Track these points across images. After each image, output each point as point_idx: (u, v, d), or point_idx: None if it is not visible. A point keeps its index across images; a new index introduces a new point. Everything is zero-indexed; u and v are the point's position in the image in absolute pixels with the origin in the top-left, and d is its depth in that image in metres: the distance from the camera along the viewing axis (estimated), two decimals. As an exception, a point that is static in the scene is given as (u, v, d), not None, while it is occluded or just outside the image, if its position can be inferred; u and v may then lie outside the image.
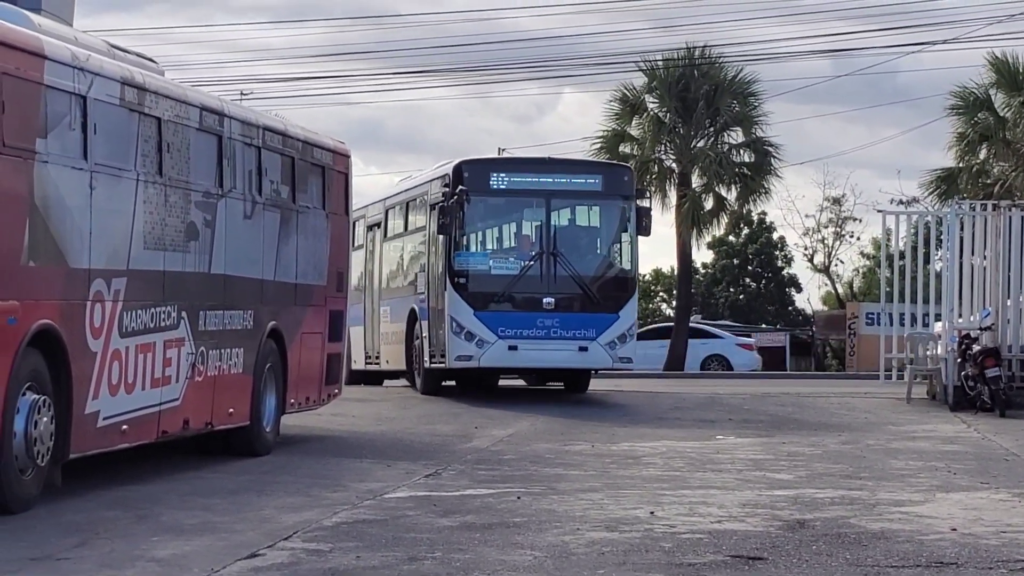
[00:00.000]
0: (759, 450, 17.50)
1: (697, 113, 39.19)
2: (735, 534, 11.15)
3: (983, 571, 9.78)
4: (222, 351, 15.04)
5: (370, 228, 28.19)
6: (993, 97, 35.95)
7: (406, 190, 26.64)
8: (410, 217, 26.01)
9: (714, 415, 21.35)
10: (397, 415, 21.23)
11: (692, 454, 16.79)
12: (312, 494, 13.10)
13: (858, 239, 56.62)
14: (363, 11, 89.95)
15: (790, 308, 67.67)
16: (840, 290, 57.75)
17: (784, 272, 67.52)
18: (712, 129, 40.24)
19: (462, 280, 22.87)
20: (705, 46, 39.69)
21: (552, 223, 23.27)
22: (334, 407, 19.32)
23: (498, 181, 23.51)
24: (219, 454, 15.54)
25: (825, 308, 57.95)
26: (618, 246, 23.88)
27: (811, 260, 56.56)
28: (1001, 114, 35.99)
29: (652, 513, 12.14)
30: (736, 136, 40.93)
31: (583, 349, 22.81)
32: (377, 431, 18.97)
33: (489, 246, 24.35)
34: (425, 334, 23.80)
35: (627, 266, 23.78)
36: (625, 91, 39.65)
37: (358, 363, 27.46)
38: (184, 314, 14.19)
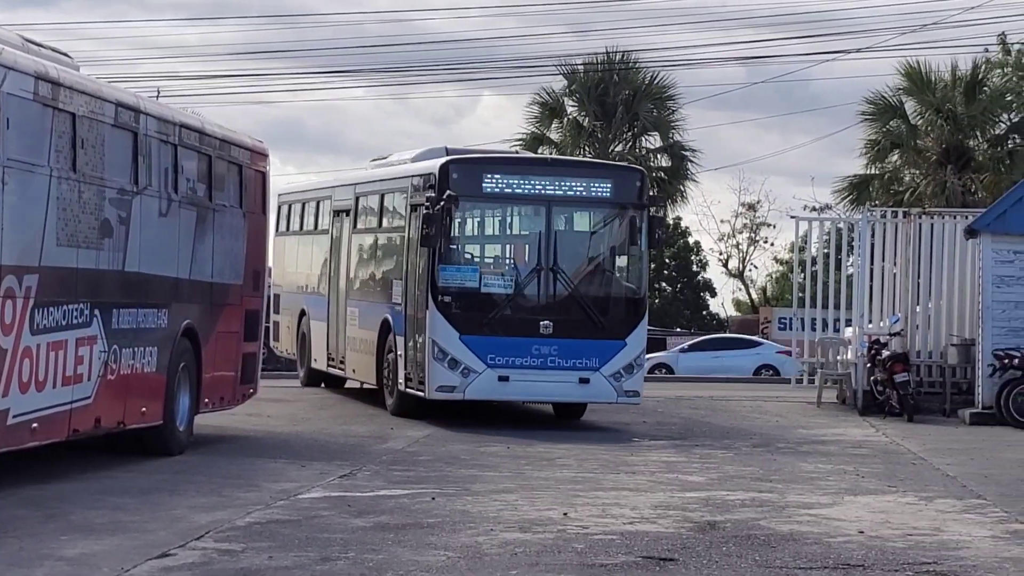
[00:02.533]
0: (672, 453, 17.63)
1: (616, 118, 39.40)
2: (647, 535, 11.25)
3: (889, 573, 9.93)
4: (135, 350, 14.95)
5: (336, 214, 24.51)
6: (904, 105, 36.39)
7: (382, 179, 23.01)
8: (385, 211, 22.53)
9: (629, 418, 21.47)
10: (312, 416, 21.18)
11: (606, 456, 16.89)
12: (225, 494, 13.07)
13: (772, 244, 57.15)
14: (280, 10, 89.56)
15: (704, 313, 68.05)
16: (754, 295, 58.23)
17: (699, 277, 67.93)
18: (630, 134, 40.48)
19: (447, 299, 19.52)
20: (624, 51, 39.93)
21: (553, 234, 19.91)
22: (249, 407, 19.26)
23: (491, 184, 20.04)
24: (132, 453, 15.45)
25: (739, 313, 58.42)
26: (627, 261, 20.59)
27: (726, 265, 57.04)
28: (912, 122, 36.43)
29: (565, 514, 12.22)
30: (654, 141, 41.22)
31: (584, 381, 19.68)
32: (292, 431, 18.94)
33: (479, 259, 21.04)
34: (400, 351, 20.49)
35: (637, 285, 20.36)
36: (545, 95, 39.79)
37: (319, 363, 24.91)
38: (97, 312, 14.10)
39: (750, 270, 56.12)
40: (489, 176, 20.05)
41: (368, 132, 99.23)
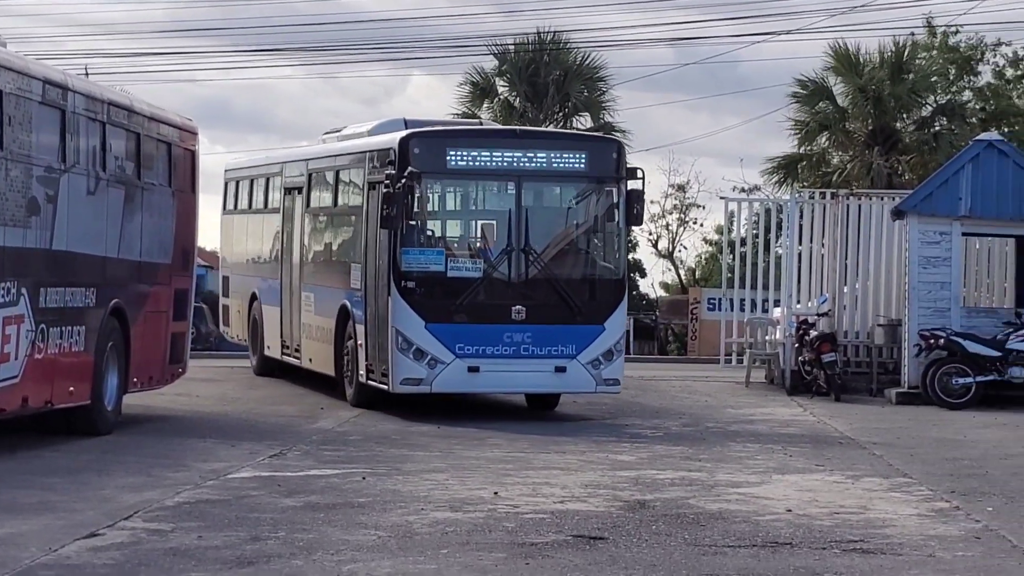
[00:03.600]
0: (602, 432, 17.69)
1: (547, 98, 39.41)
2: (577, 514, 11.30)
3: (817, 551, 10.03)
4: (63, 329, 14.85)
5: (288, 191, 22.97)
6: (833, 87, 36.61)
7: (337, 154, 21.32)
8: (341, 189, 21.07)
9: (560, 397, 21.52)
10: (243, 395, 21.10)
11: (536, 436, 16.93)
12: (154, 474, 13.03)
13: (701, 225, 57.35)
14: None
15: (634, 293, 68.26)
16: (683, 276, 58.47)
17: (629, 257, 68.12)
18: (561, 114, 40.47)
19: (410, 284, 18.11)
20: (555, 31, 39.92)
21: (524, 211, 18.48)
22: (178, 387, 19.17)
23: (456, 159, 18.54)
24: (59, 433, 15.35)
25: (668, 294, 58.62)
26: (604, 239, 19.18)
27: (655, 246, 57.18)
28: (840, 104, 36.67)
29: (496, 493, 12.26)
30: (585, 121, 41.20)
31: (560, 370, 18.39)
32: (221, 411, 18.87)
33: (444, 241, 19.22)
34: (361, 341, 19.09)
35: (615, 265, 19.10)
36: (476, 74, 39.73)
37: (272, 350, 23.35)
38: (24, 291, 13.99)
39: (680, 251, 56.33)
40: (453, 150, 18.60)
41: (296, 111, 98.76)
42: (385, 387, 18.40)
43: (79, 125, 15.15)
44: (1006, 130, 38.16)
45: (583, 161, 18.89)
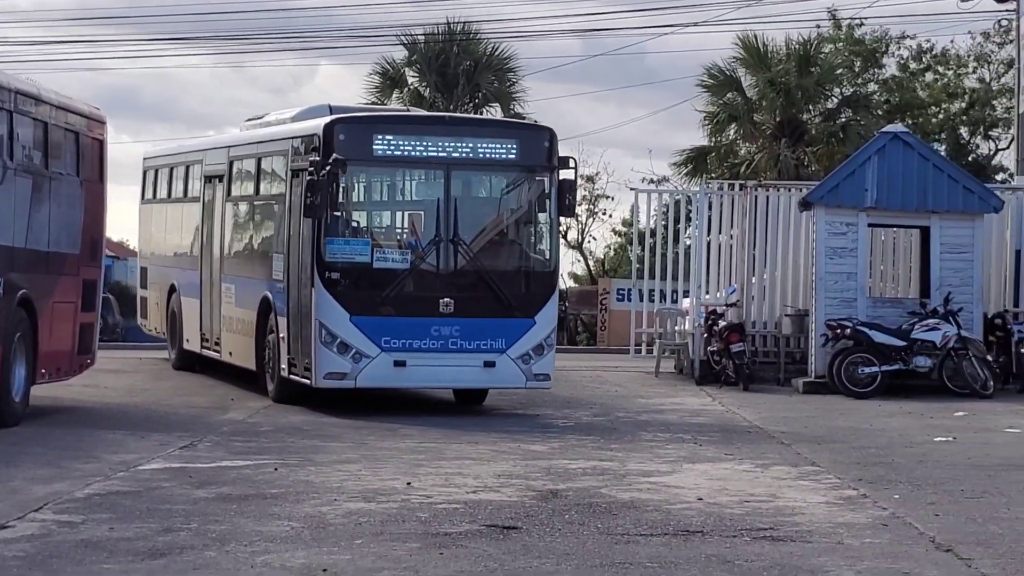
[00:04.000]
0: (513, 422, 17.75)
1: (457, 89, 39.41)
2: (490, 504, 11.35)
3: (728, 539, 10.14)
4: (-30, 320, 14.69)
5: (208, 179, 22.33)
6: (742, 79, 36.88)
7: (259, 141, 20.68)
8: (263, 177, 20.47)
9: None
10: (152, 387, 20.97)
11: (448, 426, 16.95)
12: (63, 465, 12.93)
13: (610, 216, 57.60)
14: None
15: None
16: (592, 266, 58.70)
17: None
18: (472, 105, 40.48)
19: (334, 275, 17.55)
20: (465, 22, 39.91)
21: (453, 201, 18.00)
22: (87, 378, 19.02)
23: (383, 146, 17.95)
24: (-35, 425, 15.20)
25: (577, 285, 58.82)
26: (536, 231, 18.78)
27: (564, 237, 57.29)
28: (749, 96, 36.95)
29: (409, 484, 12.28)
30: (495, 112, 41.24)
31: (489, 365, 17.93)
32: (131, 403, 18.74)
33: (370, 231, 18.74)
34: (283, 334, 18.54)
35: (546, 256, 18.65)
36: (385, 64, 39.65)
37: (191, 343, 22.73)
38: (-69, 281, 13.83)
39: (589, 242, 56.57)
40: (380, 137, 17.99)
41: (204, 100, 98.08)
42: (308, 381, 17.90)
43: (-15, 114, 14.98)
44: (910, 122, 38.68)
45: (514, 149, 18.41)
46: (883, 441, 16.38)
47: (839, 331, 22.32)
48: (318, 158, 17.51)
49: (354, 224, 18.35)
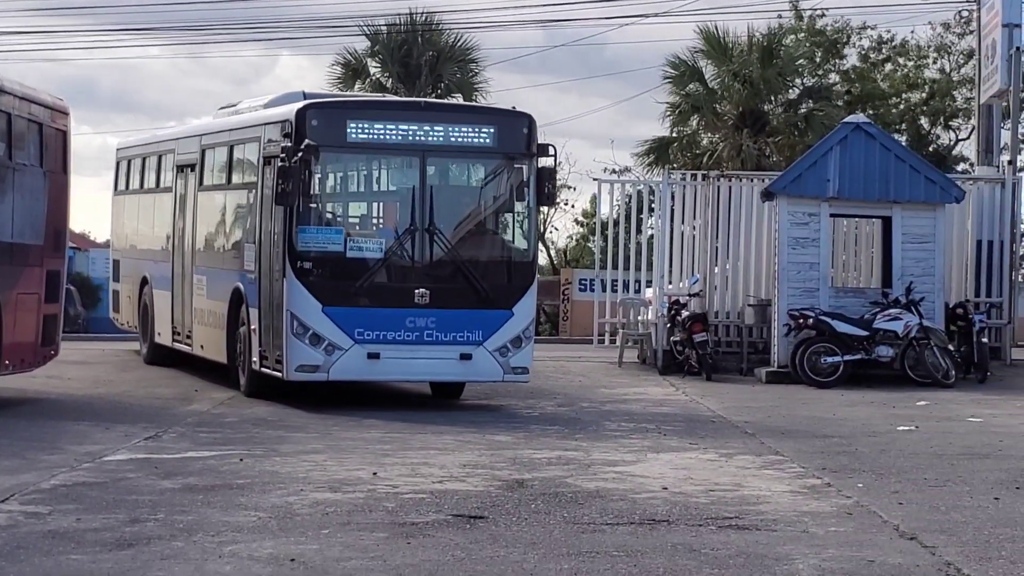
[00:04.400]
0: (477, 412, 17.79)
1: (420, 79, 39.38)
2: (456, 494, 11.39)
3: (693, 528, 10.20)
4: (-67, 311, 14.65)
5: (180, 169, 21.80)
6: (704, 69, 36.98)
7: (231, 129, 20.14)
8: (235, 166, 19.87)
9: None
10: (116, 378, 20.92)
11: (412, 417, 16.98)
12: (28, 457, 12.91)
13: (572, 207, 57.69)
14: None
15: (506, 273, 68.43)
16: (554, 257, 58.77)
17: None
18: (434, 95, 40.47)
19: (307, 265, 17.10)
20: (427, 12, 39.89)
21: (428, 188, 17.53)
22: (50, 369, 18.98)
23: (357, 132, 17.45)
24: (-71, 417, 15.16)
25: (540, 275, 58.87)
26: (513, 220, 18.29)
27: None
28: (711, 86, 37.05)
29: (375, 474, 12.31)
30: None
31: (466, 357, 17.49)
32: (95, 394, 18.70)
33: (343, 219, 18.55)
34: (254, 326, 18.09)
35: (524, 246, 18.22)
36: (347, 55, 39.59)
37: (163, 337, 22.24)
38: None
39: (551, 232, 56.62)
40: (354, 123, 17.49)
41: (164, 91, 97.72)
42: (279, 374, 17.45)
43: (-52, 105, 14.94)
44: (871, 112, 38.83)
45: (492, 136, 17.93)
46: (846, 430, 16.48)
47: (801, 321, 22.42)
48: (290, 144, 17.02)
49: (327, 212, 17.97)
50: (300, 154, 16.87)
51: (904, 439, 15.75)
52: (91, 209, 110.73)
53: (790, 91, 38.40)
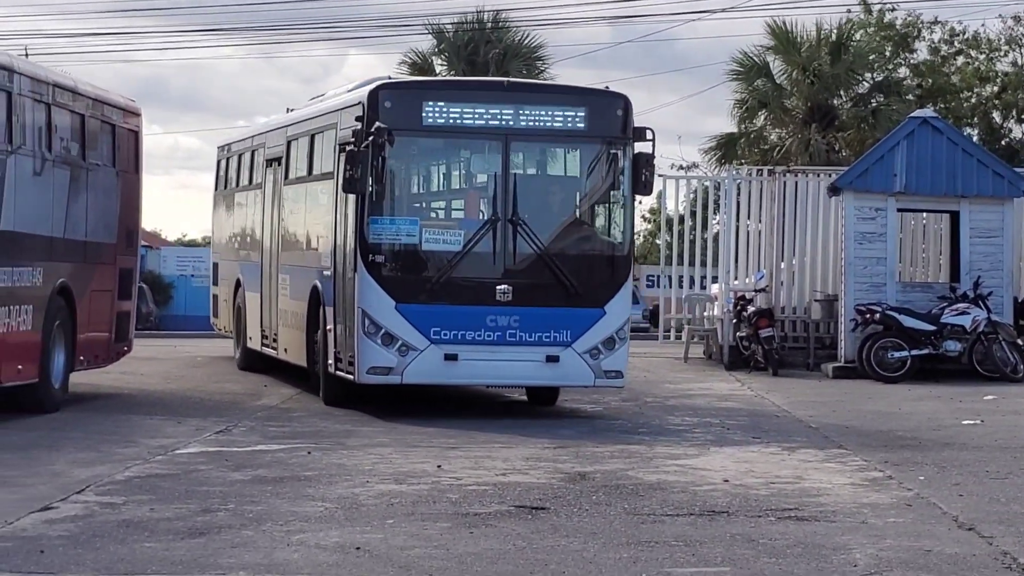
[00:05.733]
0: (542, 407, 17.93)
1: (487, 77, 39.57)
2: (519, 486, 11.56)
3: (752, 519, 10.32)
4: (11, 308, 14.99)
5: (269, 163, 20.68)
6: (772, 65, 36.98)
7: (311, 117, 18.98)
8: (315, 156, 18.51)
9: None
10: (186, 373, 21.25)
11: (477, 411, 17.16)
12: (103, 450, 13.20)
13: (640, 203, 57.80)
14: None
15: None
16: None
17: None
18: (500, 93, 40.64)
19: (379, 258, 15.91)
20: (494, 10, 40.09)
21: (512, 176, 16.21)
22: (123, 365, 19.33)
23: (434, 114, 16.14)
24: (7, 410, 15.49)
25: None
26: (606, 210, 16.79)
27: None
28: (778, 81, 37.04)
29: (439, 467, 12.49)
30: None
31: (552, 359, 16.06)
32: (166, 389, 19.03)
33: (419, 209, 17.09)
34: (330, 326, 16.92)
35: (619, 239, 16.61)
36: (415, 54, 39.85)
37: (253, 341, 21.08)
38: (-28, 271, 14.12)
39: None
40: (431, 104, 16.14)
41: (234, 90, 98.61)
42: (351, 377, 16.28)
43: (25, 107, 15.28)
44: (942, 106, 38.68)
45: (583, 118, 16.47)
46: (911, 424, 16.53)
47: (868, 316, 22.43)
48: (361, 127, 15.92)
49: (401, 202, 16.58)
50: (370, 138, 15.73)
51: (969, 433, 15.77)
52: (158, 207, 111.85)
53: (859, 86, 38.32)
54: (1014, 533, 9.91)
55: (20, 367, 15.26)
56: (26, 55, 17.37)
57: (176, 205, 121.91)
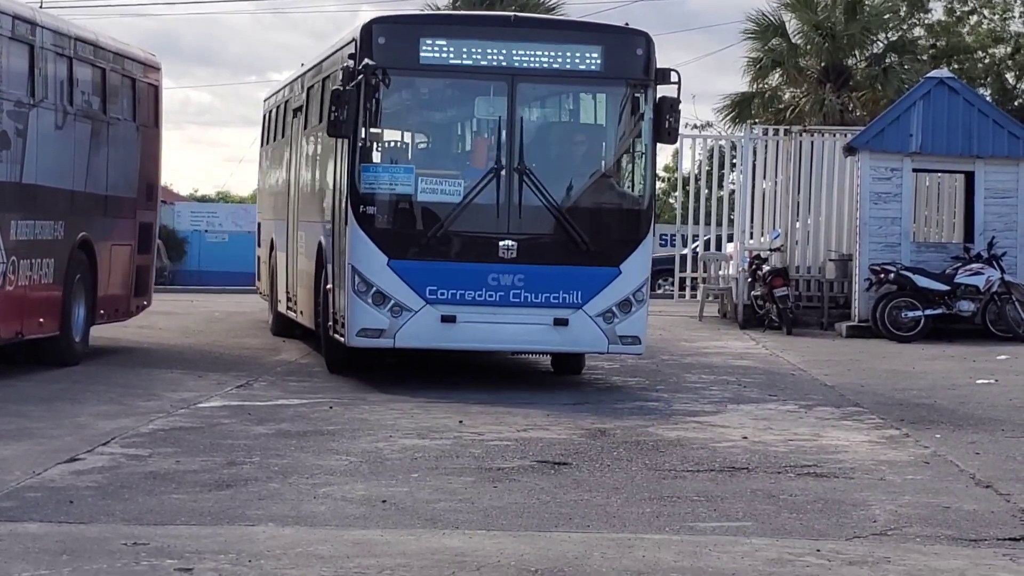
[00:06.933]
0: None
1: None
2: (540, 441, 11.67)
3: (772, 475, 10.42)
4: (33, 261, 15.10)
5: (295, 114, 19.45)
6: (787, 23, 36.91)
7: (322, 61, 17.52)
8: (324, 103, 16.31)
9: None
10: (204, 328, 21.38)
11: (496, 370, 17.26)
12: (126, 403, 13.32)
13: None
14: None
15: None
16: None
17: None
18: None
19: (370, 210, 14.53)
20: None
21: (518, 121, 14.75)
22: (141, 319, 19.44)
23: (433, 51, 14.65)
24: (28, 363, 15.62)
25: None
26: (625, 160, 15.39)
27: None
28: (793, 41, 36.99)
29: (461, 422, 12.59)
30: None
31: (561, 323, 14.66)
32: (185, 343, 19.14)
33: (415, 157, 15.58)
34: (330, 285, 15.69)
35: (638, 191, 15.18)
36: (429, 9, 39.77)
37: (282, 304, 19.83)
38: (-5, 224, 14.22)
39: (632, 186, 56.80)
40: (429, 40, 14.65)
41: (246, 44, 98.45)
42: (343, 339, 15.11)
43: (47, 60, 15.35)
44: (956, 67, 38.62)
45: (598, 58, 14.91)
46: (926, 383, 16.61)
47: (883, 276, 22.49)
48: (351, 65, 14.57)
49: (396, 148, 15.45)
50: (359, 76, 14.31)
51: (983, 392, 15.86)
52: (173, 163, 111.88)
53: (874, 45, 38.26)
54: (1032, 491, 10.00)
55: (41, 320, 15.39)
56: (41, 6, 17.40)
57: (187, 160, 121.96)
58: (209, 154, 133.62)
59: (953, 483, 10.28)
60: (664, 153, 56.95)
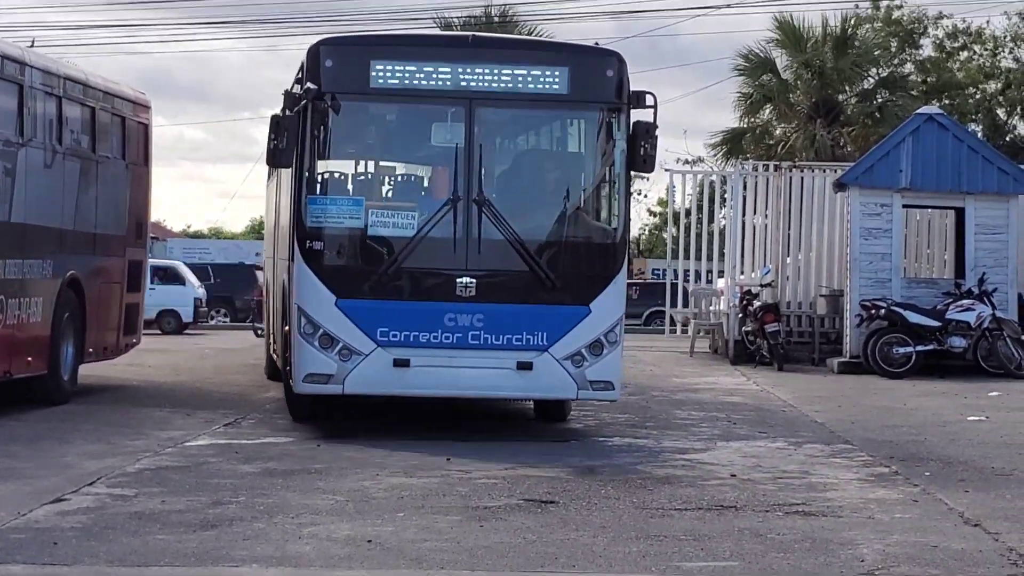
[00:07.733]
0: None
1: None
2: (528, 479, 11.62)
3: (760, 513, 10.38)
4: (21, 300, 15.07)
5: None
6: (777, 60, 37.03)
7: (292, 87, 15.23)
8: None
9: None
10: (194, 365, 21.33)
11: (483, 406, 17.20)
12: (113, 442, 13.27)
13: (645, 197, 57.85)
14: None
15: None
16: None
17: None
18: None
19: (317, 245, 13.46)
20: (504, 5, 40.11)
21: (477, 148, 13.58)
22: (131, 357, 19.41)
23: (384, 74, 13.56)
24: (16, 403, 15.57)
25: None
26: (595, 189, 14.14)
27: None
28: (783, 77, 37.09)
29: (448, 460, 12.54)
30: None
31: (524, 367, 13.50)
32: (175, 381, 19.10)
33: (365, 188, 14.39)
34: (288, 326, 14.55)
35: (610, 224, 13.98)
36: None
37: (272, 346, 18.60)
38: (-17, 263, 14.19)
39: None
40: (381, 63, 13.54)
41: (239, 83, 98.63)
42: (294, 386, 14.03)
43: (36, 99, 15.36)
44: (947, 102, 38.74)
45: (564, 80, 13.79)
46: (916, 420, 16.57)
47: (874, 311, 22.49)
48: (297, 90, 13.61)
49: (342, 178, 14.25)
50: (303, 102, 13.38)
51: (974, 429, 15.82)
52: (166, 200, 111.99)
53: (865, 81, 38.39)
54: (1020, 529, 9.95)
55: (30, 359, 15.35)
56: (32, 45, 17.40)
57: (180, 196, 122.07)
58: (202, 190, 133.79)
59: (942, 522, 10.24)
60: (659, 186, 56.94)
